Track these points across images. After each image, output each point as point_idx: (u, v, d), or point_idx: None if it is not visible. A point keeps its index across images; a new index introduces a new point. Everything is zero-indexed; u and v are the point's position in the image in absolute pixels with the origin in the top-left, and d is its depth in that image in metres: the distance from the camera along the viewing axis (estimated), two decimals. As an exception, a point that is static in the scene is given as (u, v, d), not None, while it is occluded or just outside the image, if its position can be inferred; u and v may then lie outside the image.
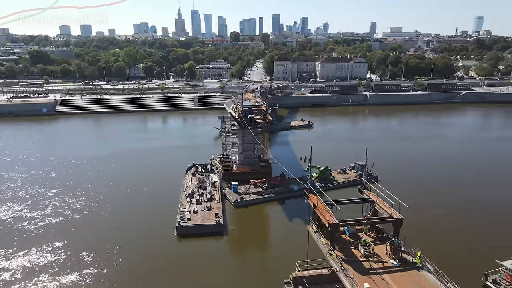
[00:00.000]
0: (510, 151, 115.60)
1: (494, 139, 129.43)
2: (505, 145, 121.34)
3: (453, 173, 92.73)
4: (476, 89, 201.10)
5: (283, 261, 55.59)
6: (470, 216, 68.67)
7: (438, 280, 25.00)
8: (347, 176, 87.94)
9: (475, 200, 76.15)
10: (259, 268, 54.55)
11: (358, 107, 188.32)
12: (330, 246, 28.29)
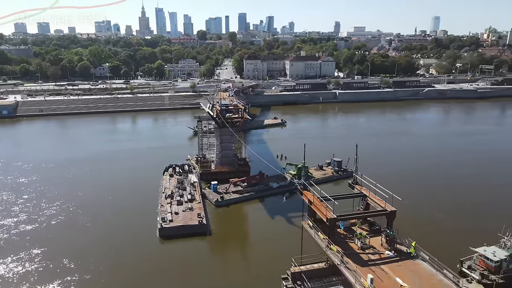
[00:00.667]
0: (471, 144, 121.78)
1: (456, 134, 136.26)
2: (466, 139, 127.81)
3: (422, 167, 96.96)
4: (437, 86, 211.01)
5: (272, 258, 56.55)
6: (444, 207, 71.87)
7: (434, 268, 26.58)
8: (324, 173, 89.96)
9: (445, 191, 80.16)
10: (247, 266, 55.18)
11: (328, 104, 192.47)
12: (329, 240, 29.18)
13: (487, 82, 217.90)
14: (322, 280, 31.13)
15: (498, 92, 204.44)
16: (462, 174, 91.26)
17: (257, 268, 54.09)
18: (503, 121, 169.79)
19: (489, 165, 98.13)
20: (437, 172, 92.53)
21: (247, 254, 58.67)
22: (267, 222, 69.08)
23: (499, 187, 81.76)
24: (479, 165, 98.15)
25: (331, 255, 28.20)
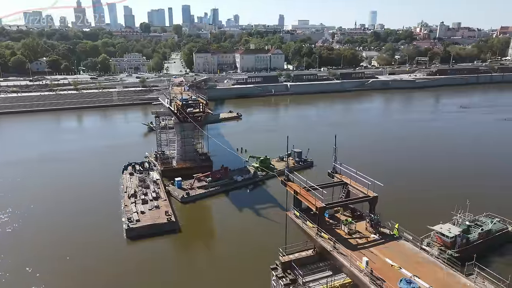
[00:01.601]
0: (416, 131, 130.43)
1: (405, 121, 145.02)
2: (411, 126, 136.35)
3: (373, 152, 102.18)
4: (380, 77, 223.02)
5: (249, 250, 57.36)
6: (409, 189, 75.84)
7: (417, 247, 28.78)
8: (286, 164, 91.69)
9: (406, 173, 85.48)
10: (227, 261, 55.03)
11: (280, 96, 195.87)
12: (318, 228, 30.25)
13: (423, 73, 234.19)
14: (309, 267, 32.25)
15: (433, 82, 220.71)
16: (411, 159, 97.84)
17: (238, 261, 54.47)
18: (439, 109, 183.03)
19: (436, 149, 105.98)
20: (394, 157, 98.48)
21: (222, 249, 58.54)
22: (235, 215, 69.43)
23: (449, 169, 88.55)
24: (425, 150, 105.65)
25: (322, 242, 29.31)
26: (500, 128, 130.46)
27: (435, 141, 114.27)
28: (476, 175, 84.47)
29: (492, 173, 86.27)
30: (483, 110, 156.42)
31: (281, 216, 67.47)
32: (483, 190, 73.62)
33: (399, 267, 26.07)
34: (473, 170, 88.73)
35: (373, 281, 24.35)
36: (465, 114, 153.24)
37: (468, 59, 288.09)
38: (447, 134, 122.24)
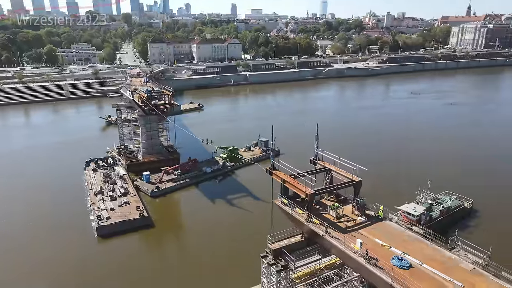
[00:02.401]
0: (373, 117, 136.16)
1: (362, 108, 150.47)
2: (368, 113, 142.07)
3: (333, 139, 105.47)
4: (335, 65, 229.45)
5: (227, 240, 57.44)
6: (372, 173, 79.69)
7: (402, 227, 30.56)
8: (253, 153, 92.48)
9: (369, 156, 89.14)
10: (198, 253, 54.73)
11: (240, 86, 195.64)
12: (309, 214, 31.07)
13: (375, 61, 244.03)
14: (298, 252, 33.13)
15: (384, 70, 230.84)
16: (371, 145, 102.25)
17: (215, 253, 54.26)
18: (391, 95, 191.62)
19: (393, 134, 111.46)
20: (354, 143, 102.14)
21: (197, 242, 58.00)
22: (208, 207, 69.02)
23: (408, 152, 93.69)
24: (384, 136, 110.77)
25: (314, 227, 30.17)
26: (448, 112, 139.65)
27: (392, 126, 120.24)
28: (433, 157, 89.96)
29: (446, 154, 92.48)
30: (432, 96, 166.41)
31: (253, 205, 68.80)
32: (441, 171, 78.80)
33: (389, 246, 27.58)
34: (430, 152, 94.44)
35: (368, 261, 25.64)
36: (416, 100, 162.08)
37: (414, 48, 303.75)
38: (402, 120, 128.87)
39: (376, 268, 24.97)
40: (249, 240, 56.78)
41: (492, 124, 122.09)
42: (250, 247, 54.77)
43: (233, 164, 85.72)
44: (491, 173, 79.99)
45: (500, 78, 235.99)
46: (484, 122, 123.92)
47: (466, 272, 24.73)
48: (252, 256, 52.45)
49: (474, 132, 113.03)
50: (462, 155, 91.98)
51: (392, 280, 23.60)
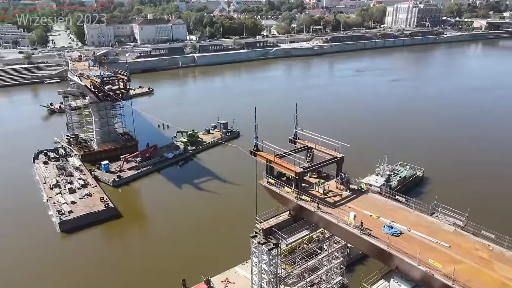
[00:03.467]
0: (325, 95, 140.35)
1: (305, 87, 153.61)
2: (314, 91, 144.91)
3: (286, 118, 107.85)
4: (282, 45, 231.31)
5: (194, 224, 57.03)
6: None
7: (384, 197, 32.50)
8: (213, 136, 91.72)
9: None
10: (169, 239, 53.98)
11: (188, 68, 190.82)
12: (298, 191, 31.86)
13: (320, 40, 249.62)
14: (286, 229, 34.03)
15: (329, 49, 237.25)
16: (328, 122, 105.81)
17: (186, 237, 53.84)
18: (337, 73, 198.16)
19: (348, 111, 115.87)
20: (311, 121, 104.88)
21: (167, 228, 57.04)
22: (174, 192, 67.94)
23: (362, 127, 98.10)
24: (339, 112, 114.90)
25: (304, 204, 31.07)
26: (392, 88, 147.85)
27: (345, 103, 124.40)
28: (386, 131, 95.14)
29: (397, 127, 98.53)
30: (375, 73, 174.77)
31: (220, 187, 68.81)
32: (394, 143, 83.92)
33: (377, 216, 29.33)
34: (382, 126, 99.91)
35: (363, 231, 27.13)
36: (361, 77, 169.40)
37: (354, 27, 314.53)
38: (352, 97, 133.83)
39: (372, 238, 26.53)
40: (220, 223, 57.27)
41: (432, 97, 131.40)
42: (223, 229, 55.44)
43: (195, 148, 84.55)
44: (437, 142, 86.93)
45: (431, 56, 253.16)
46: (427, 95, 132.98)
47: (449, 234, 27.17)
48: (225, 237, 53.24)
49: (418, 105, 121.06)
50: (411, 127, 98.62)
51: (388, 247, 25.28)
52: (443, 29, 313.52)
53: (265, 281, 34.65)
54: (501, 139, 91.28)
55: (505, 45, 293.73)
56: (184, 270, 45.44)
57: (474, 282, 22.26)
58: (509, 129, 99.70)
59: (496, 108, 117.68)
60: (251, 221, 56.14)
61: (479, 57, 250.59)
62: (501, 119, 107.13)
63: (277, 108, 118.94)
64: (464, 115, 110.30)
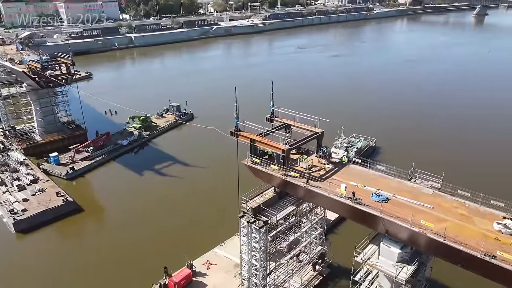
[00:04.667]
0: (270, 72, 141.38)
1: (248, 66, 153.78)
2: (256, 70, 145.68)
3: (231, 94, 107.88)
4: (222, 24, 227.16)
5: (160, 210, 55.76)
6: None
7: (365, 168, 34.22)
8: (167, 119, 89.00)
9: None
10: (137, 229, 52.32)
11: (125, 50, 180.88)
12: (286, 168, 32.41)
13: (259, 18, 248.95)
14: (273, 206, 34.70)
15: (269, 26, 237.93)
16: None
17: (156, 225, 52.55)
18: (279, 51, 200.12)
19: (297, 85, 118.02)
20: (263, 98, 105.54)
21: (133, 217, 55.11)
22: (135, 180, 65.48)
23: (313, 100, 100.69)
24: (288, 88, 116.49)
25: (293, 180, 31.78)
26: (335, 64, 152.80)
27: (292, 79, 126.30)
28: (336, 105, 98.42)
29: (344, 102, 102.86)
30: (316, 50, 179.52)
31: (183, 171, 67.62)
32: (346, 116, 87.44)
33: (363, 185, 30.97)
34: (333, 100, 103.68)
35: (354, 200, 28.56)
36: (303, 54, 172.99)
37: (290, 4, 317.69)
38: (296, 75, 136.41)
39: (365, 206, 28.07)
40: (188, 207, 56.71)
41: (370, 72, 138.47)
42: (193, 213, 55.04)
43: (150, 133, 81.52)
44: (382, 115, 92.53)
45: (363, 31, 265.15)
46: (365, 71, 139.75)
47: (429, 196, 29.65)
48: (197, 221, 52.97)
49: (360, 81, 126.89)
50: (357, 102, 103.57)
51: (381, 214, 26.99)
52: (373, 5, 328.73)
53: (255, 259, 35.28)
54: (438, 110, 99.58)
55: (427, 20, 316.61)
56: (160, 258, 44.48)
57: (460, 237, 24.71)
58: (437, 102, 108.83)
59: (428, 84, 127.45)
60: (220, 202, 56.66)
61: (405, 32, 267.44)
62: (433, 94, 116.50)
63: (226, 87, 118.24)
64: (399, 89, 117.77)
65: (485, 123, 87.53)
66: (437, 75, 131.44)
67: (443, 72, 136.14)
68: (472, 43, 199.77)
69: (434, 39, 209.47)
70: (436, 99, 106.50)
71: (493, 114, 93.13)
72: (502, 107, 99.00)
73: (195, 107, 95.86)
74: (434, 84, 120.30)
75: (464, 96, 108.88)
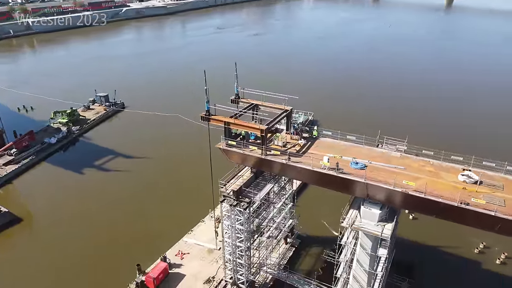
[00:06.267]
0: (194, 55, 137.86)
1: (168, 49, 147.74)
2: (180, 53, 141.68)
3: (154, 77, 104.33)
4: (132, 5, 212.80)
5: (109, 208, 52.56)
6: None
7: (335, 139, 35.82)
8: (96, 111, 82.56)
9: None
10: (86, 231, 48.76)
11: (23, 38, 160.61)
12: (265, 147, 32.60)
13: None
14: (251, 186, 35.01)
15: (182, 6, 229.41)
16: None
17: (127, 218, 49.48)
18: (199, 32, 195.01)
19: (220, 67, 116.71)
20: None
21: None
22: (75, 179, 60.31)
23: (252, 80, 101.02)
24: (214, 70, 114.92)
25: (273, 158, 32.20)
26: (257, 43, 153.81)
27: (221, 60, 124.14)
28: (271, 80, 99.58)
29: (278, 77, 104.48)
30: (235, 29, 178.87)
31: (123, 163, 64.18)
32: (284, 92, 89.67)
33: (340, 156, 32.68)
34: (267, 78, 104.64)
35: (338, 170, 30.08)
36: (224, 34, 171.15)
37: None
38: (223, 54, 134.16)
39: (349, 175, 29.81)
40: (141, 199, 54.46)
41: (295, 49, 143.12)
42: (148, 205, 53.05)
43: (79, 127, 74.85)
44: (314, 89, 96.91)
45: (274, 9, 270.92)
46: (285, 49, 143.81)
47: (399, 159, 32.55)
48: (157, 212, 51.21)
49: (284, 57, 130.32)
50: (289, 77, 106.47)
51: (366, 179, 29.01)
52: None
53: (240, 240, 35.49)
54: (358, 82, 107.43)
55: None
56: (129, 257, 42.40)
57: (436, 191, 27.79)
58: (359, 76, 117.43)
59: (343, 59, 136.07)
60: (177, 191, 55.16)
61: (312, 9, 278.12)
62: (350, 68, 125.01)
63: (151, 73, 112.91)
64: (321, 66, 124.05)
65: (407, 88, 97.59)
66: (354, 51, 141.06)
67: (358, 47, 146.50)
68: (372, 19, 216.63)
69: (336, 16, 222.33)
70: (356, 72, 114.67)
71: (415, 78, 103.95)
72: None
73: (124, 96, 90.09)
74: (349, 60, 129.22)
75: (378, 69, 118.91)
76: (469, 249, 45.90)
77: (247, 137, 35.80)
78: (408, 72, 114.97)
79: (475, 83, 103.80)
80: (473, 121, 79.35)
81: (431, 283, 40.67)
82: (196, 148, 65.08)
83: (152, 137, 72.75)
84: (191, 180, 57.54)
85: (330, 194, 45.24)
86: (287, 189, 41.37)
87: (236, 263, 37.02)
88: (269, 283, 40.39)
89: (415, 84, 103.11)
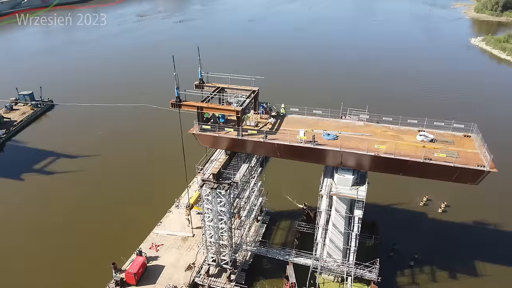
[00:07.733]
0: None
1: (89, 41, 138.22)
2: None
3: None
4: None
5: (73, 210, 49.68)
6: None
7: (302, 115, 37.42)
8: (23, 111, 75.20)
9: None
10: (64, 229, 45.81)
11: None
12: (241, 128, 33.12)
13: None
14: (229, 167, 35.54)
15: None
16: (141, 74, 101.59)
17: (86, 219, 46.64)
18: (123, 20, 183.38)
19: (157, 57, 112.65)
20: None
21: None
22: (14, 186, 55.02)
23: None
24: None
25: (249, 138, 32.93)
26: (183, 29, 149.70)
27: (155, 50, 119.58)
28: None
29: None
30: (159, 16, 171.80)
31: (63, 163, 60.98)
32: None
33: (311, 129, 34.49)
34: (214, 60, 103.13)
35: (314, 142, 31.84)
36: (149, 21, 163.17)
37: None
38: (156, 43, 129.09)
39: (326, 146, 31.87)
40: (96, 199, 52.18)
41: (230, 33, 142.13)
42: (106, 203, 50.94)
43: (6, 131, 67.69)
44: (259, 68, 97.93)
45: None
46: (214, 33, 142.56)
47: (363, 127, 35.44)
48: (116, 209, 49.40)
49: (220, 41, 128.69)
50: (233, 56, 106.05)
51: (341, 148, 31.33)
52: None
53: (222, 221, 36.05)
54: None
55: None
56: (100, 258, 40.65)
57: (403, 152, 31.11)
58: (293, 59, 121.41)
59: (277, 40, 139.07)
60: (134, 185, 53.48)
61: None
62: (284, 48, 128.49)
63: (75, 67, 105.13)
64: (253, 47, 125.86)
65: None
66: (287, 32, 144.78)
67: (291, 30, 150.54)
68: (294, 1, 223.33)
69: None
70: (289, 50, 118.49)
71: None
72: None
73: (49, 93, 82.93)
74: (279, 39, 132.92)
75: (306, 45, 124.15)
76: (415, 203, 51.88)
77: (215, 120, 36.05)
78: (333, 48, 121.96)
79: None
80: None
81: (390, 236, 45.37)
82: (146, 140, 63.39)
83: (93, 133, 68.65)
84: (148, 173, 56.11)
85: (287, 168, 47.99)
86: (257, 169, 42.56)
87: (218, 244, 37.57)
88: (249, 260, 41.75)
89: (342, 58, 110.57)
